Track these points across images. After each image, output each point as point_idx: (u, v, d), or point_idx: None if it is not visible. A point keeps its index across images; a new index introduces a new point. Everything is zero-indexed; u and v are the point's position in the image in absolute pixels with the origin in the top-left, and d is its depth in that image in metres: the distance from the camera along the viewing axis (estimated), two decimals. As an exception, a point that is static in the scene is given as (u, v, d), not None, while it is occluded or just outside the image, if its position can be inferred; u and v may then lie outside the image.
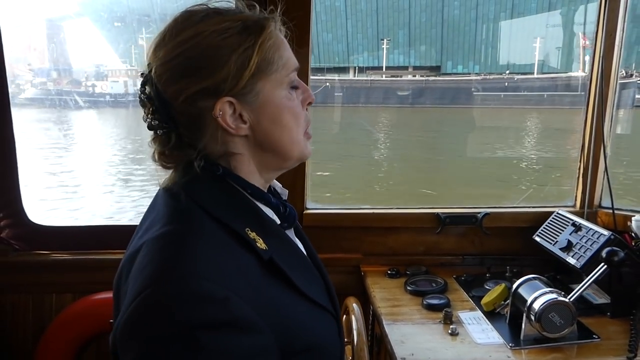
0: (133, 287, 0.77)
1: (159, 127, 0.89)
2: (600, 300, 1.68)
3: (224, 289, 0.75)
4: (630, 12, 1.99)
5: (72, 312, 1.88)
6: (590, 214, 2.08)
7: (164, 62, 0.87)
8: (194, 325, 0.71)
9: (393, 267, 1.96)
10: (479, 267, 2.01)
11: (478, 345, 1.46)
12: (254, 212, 0.92)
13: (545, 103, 25.87)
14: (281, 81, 0.91)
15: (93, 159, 12.43)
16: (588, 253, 1.66)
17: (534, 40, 32.15)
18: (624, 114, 9.69)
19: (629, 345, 1.44)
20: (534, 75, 30.23)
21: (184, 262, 0.77)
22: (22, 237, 1.98)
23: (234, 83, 0.86)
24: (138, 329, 0.74)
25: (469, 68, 33.58)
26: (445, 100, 26.51)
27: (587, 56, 5.69)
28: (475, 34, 34.24)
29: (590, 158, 2.08)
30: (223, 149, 0.91)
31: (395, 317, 1.63)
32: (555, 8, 32.94)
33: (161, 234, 0.83)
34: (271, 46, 0.89)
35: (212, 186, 0.90)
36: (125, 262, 0.87)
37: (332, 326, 1.00)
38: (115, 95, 22.30)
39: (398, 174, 11.60)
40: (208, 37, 0.86)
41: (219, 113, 0.87)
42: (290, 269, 0.89)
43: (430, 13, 33.95)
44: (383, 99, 25.52)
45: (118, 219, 7.61)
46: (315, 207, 2.04)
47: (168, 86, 0.87)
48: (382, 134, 16.93)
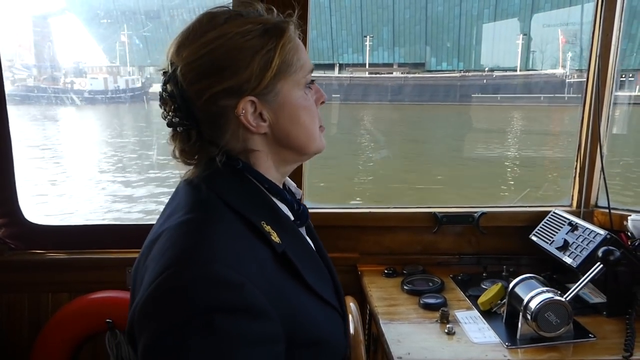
0: (154, 269, 0.80)
1: (180, 124, 0.93)
2: (596, 299, 1.69)
3: (240, 275, 0.79)
4: (627, 11, 1.99)
5: (69, 311, 1.87)
6: (586, 213, 2.09)
7: (189, 61, 0.90)
8: (210, 309, 0.74)
9: (390, 266, 1.96)
10: (475, 267, 2.01)
11: (474, 345, 1.46)
12: (270, 207, 0.97)
13: (524, 100, 26.06)
14: (299, 82, 0.96)
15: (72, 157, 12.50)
16: (584, 252, 1.66)
17: (516, 37, 32.38)
18: (619, 113, 9.77)
19: (624, 344, 1.45)
20: (513, 72, 30.39)
21: (203, 248, 0.81)
22: (18, 236, 1.97)
23: (257, 83, 0.91)
24: (156, 308, 0.77)
25: (453, 65, 33.71)
26: (424, 97, 26.60)
27: (570, 53, 5.64)
28: (459, 31, 34.43)
29: (586, 157, 2.08)
30: (243, 145, 0.96)
31: (392, 317, 1.63)
32: (538, 6, 33.12)
33: (183, 221, 0.87)
34: (291, 49, 0.94)
35: (232, 180, 0.94)
36: (146, 247, 0.91)
37: (339, 324, 1.03)
38: (93, 92, 22.23)
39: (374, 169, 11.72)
40: (232, 39, 0.90)
41: (242, 112, 0.91)
42: (301, 264, 0.93)
43: (414, 10, 34.09)
44: (362, 95, 25.61)
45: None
46: (312, 206, 2.04)
47: (192, 85, 0.91)
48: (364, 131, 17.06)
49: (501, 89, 27.10)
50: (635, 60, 29.10)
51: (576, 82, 26.34)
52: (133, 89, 23.97)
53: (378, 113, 23.35)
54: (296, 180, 1.93)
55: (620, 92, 30.75)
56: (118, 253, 1.94)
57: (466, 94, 26.90)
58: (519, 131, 18.93)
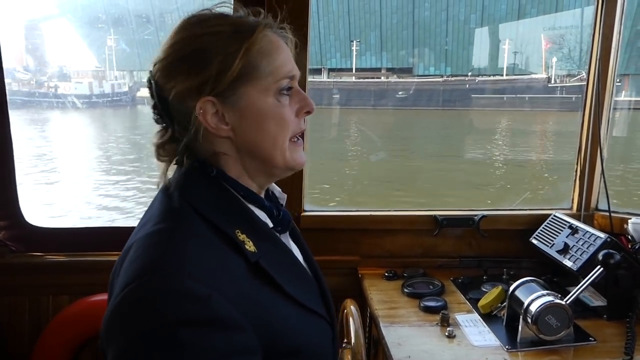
0: (121, 281, 0.79)
1: (159, 121, 0.95)
2: (597, 302, 1.69)
3: (207, 287, 0.77)
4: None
5: (69, 313, 1.87)
6: (586, 216, 2.09)
7: (160, 60, 0.92)
8: (175, 322, 0.73)
9: (390, 269, 1.96)
10: (476, 270, 2.01)
11: (475, 348, 1.46)
12: (246, 215, 0.94)
13: (506, 105, 26.21)
14: (267, 87, 0.93)
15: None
16: (584, 256, 1.66)
17: (502, 42, 32.54)
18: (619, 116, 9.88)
19: (625, 347, 1.44)
20: (496, 77, 30.54)
21: (169, 260, 0.79)
22: (18, 238, 1.97)
23: (216, 84, 0.89)
24: (121, 322, 0.76)
25: (440, 70, 33.77)
26: (408, 102, 26.68)
27: (555, 58, 5.61)
28: (446, 36, 34.47)
29: (587, 160, 2.08)
30: (211, 148, 0.94)
31: (393, 320, 1.63)
32: (524, 11, 33.27)
33: (151, 232, 0.86)
34: (259, 52, 0.91)
35: (206, 187, 0.93)
36: (119, 260, 0.90)
37: (325, 331, 1.00)
38: (78, 97, 22.10)
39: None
40: (198, 39, 0.90)
41: (199, 111, 0.90)
42: (279, 272, 0.90)
43: (401, 15, 34.12)
44: (346, 100, 25.66)
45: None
46: (313, 209, 2.05)
47: (163, 83, 0.92)
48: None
49: (484, 94, 27.22)
50: (621, 66, 29.23)
51: (559, 86, 26.61)
52: (119, 93, 23.72)
53: (361, 117, 23.32)
54: (295, 183, 1.95)
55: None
56: (119, 255, 1.94)
57: (449, 99, 27.03)
58: (499, 134, 19.01)
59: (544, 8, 32.62)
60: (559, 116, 23.02)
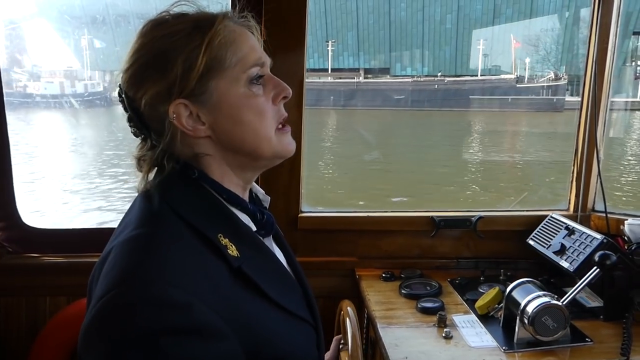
0: (99, 289, 0.77)
1: (137, 134, 0.92)
2: (593, 303, 1.69)
3: (188, 294, 0.75)
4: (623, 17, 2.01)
5: (66, 315, 1.87)
6: (583, 217, 2.09)
7: (125, 70, 0.89)
8: (155, 331, 0.71)
9: (388, 270, 1.96)
10: (473, 271, 2.02)
11: (472, 349, 1.46)
12: (228, 218, 0.91)
13: (474, 105, 26.40)
14: (237, 78, 0.89)
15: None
16: (581, 257, 1.67)
17: (477, 42, 32.70)
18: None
19: (621, 348, 1.45)
20: (465, 77, 30.73)
21: (149, 267, 0.77)
22: (15, 239, 1.97)
23: (184, 85, 0.86)
24: (99, 332, 0.73)
25: (418, 70, 33.85)
26: (377, 102, 26.78)
27: (528, 58, 5.55)
28: (422, 36, 34.54)
29: (583, 162, 2.09)
30: (191, 150, 0.91)
31: (390, 321, 1.63)
32: (500, 11, 33.40)
33: (130, 237, 0.82)
34: (221, 43, 0.87)
35: (187, 190, 0.90)
36: (98, 265, 0.87)
37: (309, 336, 0.98)
38: (47, 97, 21.71)
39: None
40: (158, 42, 0.87)
41: (172, 115, 0.87)
42: (262, 277, 0.88)
43: (378, 15, 34.17)
44: (315, 101, 25.77)
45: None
46: (310, 210, 2.05)
47: (132, 94, 0.89)
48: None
49: (451, 94, 27.37)
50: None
51: (529, 87, 26.83)
52: (93, 93, 23.02)
53: (326, 118, 23.33)
54: (293, 184, 1.95)
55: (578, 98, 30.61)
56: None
57: (418, 99, 27.16)
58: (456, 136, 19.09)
59: (519, 8, 32.80)
60: (529, 117, 23.27)
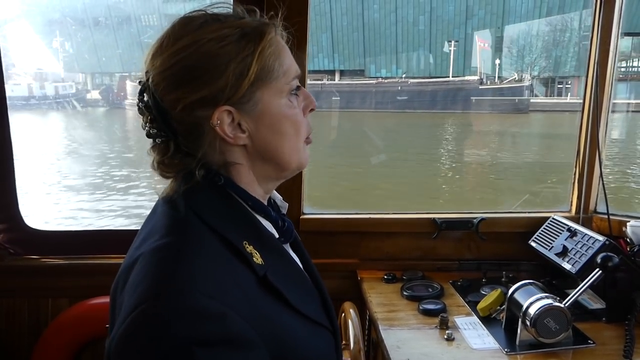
0: (129, 301, 0.75)
1: (157, 135, 0.88)
2: (596, 305, 1.69)
3: (221, 304, 0.74)
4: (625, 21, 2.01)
5: (68, 316, 1.87)
6: (585, 219, 2.09)
7: (161, 70, 0.86)
8: (191, 342, 0.70)
9: (389, 272, 1.96)
10: (475, 272, 2.01)
11: (474, 351, 1.46)
12: (253, 225, 0.91)
13: (438, 107, 26.53)
14: (281, 89, 0.90)
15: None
16: (583, 258, 1.67)
17: (448, 44, 32.77)
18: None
19: (624, 350, 1.45)
20: (431, 79, 30.87)
21: (181, 277, 0.76)
22: (17, 241, 1.98)
23: (233, 92, 0.85)
24: (133, 343, 0.72)
25: (392, 72, 33.75)
26: (342, 104, 27.02)
27: (498, 60, 5.51)
28: (396, 38, 34.48)
29: (585, 164, 2.09)
30: (222, 158, 0.90)
31: (392, 322, 1.63)
32: (472, 11, 33.47)
33: (158, 246, 0.81)
34: (271, 54, 0.87)
35: (212, 197, 0.89)
36: (122, 273, 0.85)
37: (329, 342, 0.99)
38: (13, 99, 21.65)
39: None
40: (205, 45, 0.84)
41: (216, 122, 0.85)
42: (285, 285, 0.88)
43: (351, 16, 33.85)
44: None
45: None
46: (312, 212, 2.05)
47: (165, 95, 0.85)
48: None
49: (415, 96, 27.49)
50: (570, 67, 29.84)
51: (490, 88, 26.90)
52: (64, 95, 22.66)
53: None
54: (295, 186, 1.95)
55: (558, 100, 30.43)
56: (118, 258, 1.91)
57: (381, 100, 27.29)
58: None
59: (491, 10, 32.85)
60: (491, 118, 23.27)
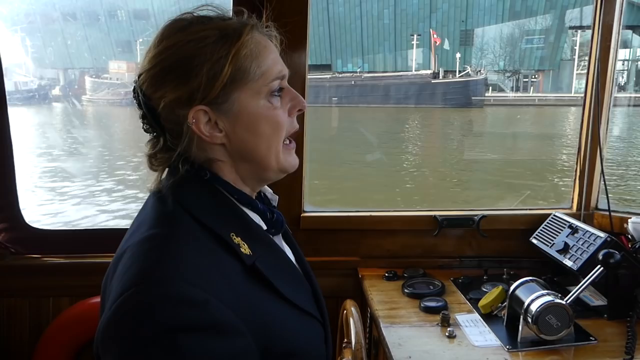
0: (116, 289, 0.78)
1: (149, 131, 0.93)
2: (597, 302, 1.69)
3: (205, 292, 0.77)
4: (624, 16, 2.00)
5: (70, 315, 1.87)
6: (587, 216, 2.09)
7: (147, 69, 0.90)
8: (174, 328, 0.73)
9: (391, 269, 1.96)
10: (476, 270, 2.01)
11: (475, 348, 1.46)
12: (240, 218, 0.94)
13: (391, 101, 26.60)
14: (259, 90, 0.91)
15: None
16: (585, 255, 1.66)
17: (411, 38, 32.79)
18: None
19: (625, 347, 1.45)
20: (381, 73, 30.93)
21: (166, 265, 0.79)
22: (18, 240, 1.97)
23: (207, 92, 0.88)
24: (118, 329, 0.75)
25: (358, 66, 33.80)
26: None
27: (459, 54, 5.50)
28: (361, 32, 34.42)
29: (586, 160, 2.08)
30: (204, 155, 0.93)
31: (393, 320, 1.63)
32: (436, 5, 33.42)
33: (146, 237, 0.84)
34: (247, 55, 0.89)
35: (199, 190, 0.92)
36: (112, 265, 0.89)
37: (319, 333, 1.01)
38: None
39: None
40: (184, 47, 0.88)
41: (192, 121, 0.88)
42: (274, 275, 0.90)
43: (317, 10, 33.83)
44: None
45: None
46: (313, 210, 2.05)
47: (151, 93, 0.90)
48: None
49: (368, 90, 27.52)
50: (534, 61, 29.78)
51: (442, 83, 27.02)
52: (24, 91, 22.54)
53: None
54: (295, 184, 1.95)
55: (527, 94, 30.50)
56: (119, 257, 1.94)
57: (335, 95, 27.41)
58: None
59: (455, 3, 32.84)
60: (442, 113, 23.26)
